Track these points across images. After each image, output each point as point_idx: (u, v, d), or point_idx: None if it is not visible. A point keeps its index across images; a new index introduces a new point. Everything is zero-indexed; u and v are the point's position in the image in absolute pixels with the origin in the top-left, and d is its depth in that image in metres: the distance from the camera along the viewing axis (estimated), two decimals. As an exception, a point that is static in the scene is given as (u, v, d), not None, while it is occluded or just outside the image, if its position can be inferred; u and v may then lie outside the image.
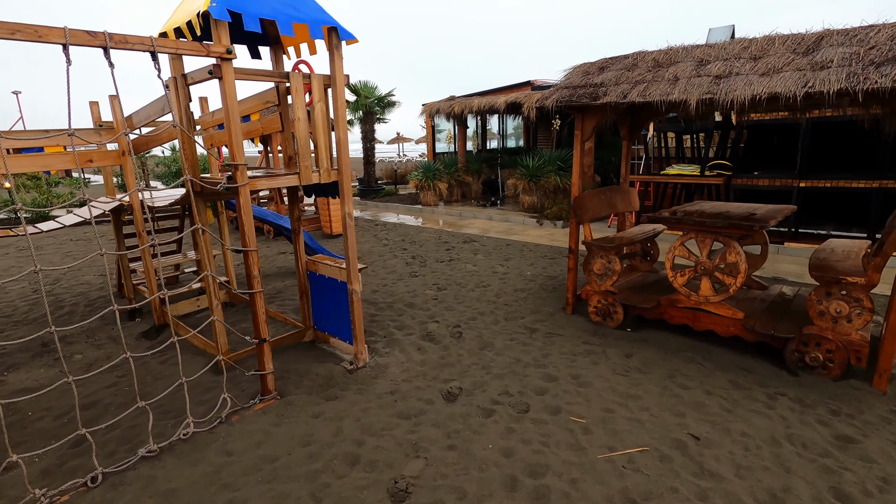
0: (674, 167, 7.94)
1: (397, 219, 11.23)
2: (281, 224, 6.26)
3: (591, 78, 4.45)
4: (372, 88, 13.65)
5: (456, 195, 12.74)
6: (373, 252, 7.92)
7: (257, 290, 3.22)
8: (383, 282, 6.23)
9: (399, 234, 9.21)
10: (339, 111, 3.42)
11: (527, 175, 10.43)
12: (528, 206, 10.54)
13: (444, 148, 18.81)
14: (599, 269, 4.61)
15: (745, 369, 3.64)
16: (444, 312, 5.04)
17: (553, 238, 8.55)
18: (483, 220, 10.51)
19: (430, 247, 8.10)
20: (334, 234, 9.26)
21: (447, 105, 12.15)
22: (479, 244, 8.19)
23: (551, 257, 7.21)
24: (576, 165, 4.74)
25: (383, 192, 14.02)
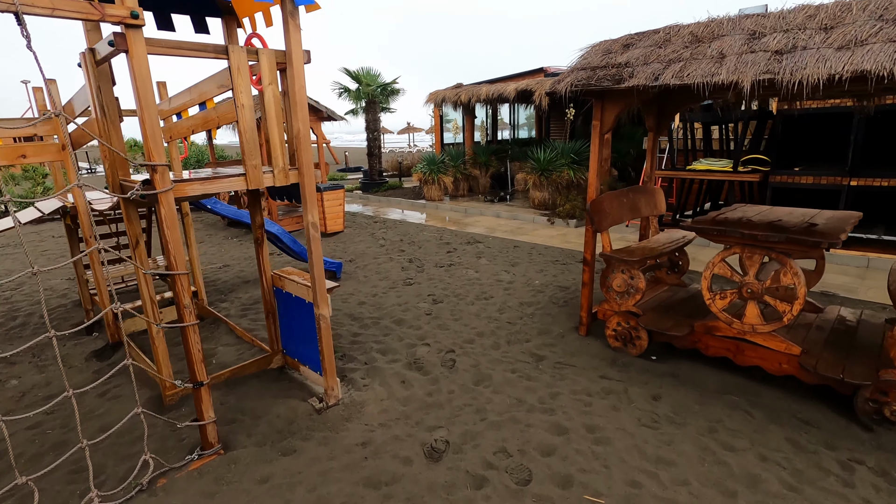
0: (702, 162, 7.13)
1: (398, 215, 10.54)
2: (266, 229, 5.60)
3: (613, 57, 3.69)
4: (374, 76, 12.90)
5: (462, 189, 12.00)
6: (367, 254, 7.25)
7: (189, 322, 2.56)
8: (373, 291, 5.56)
9: (398, 233, 8.53)
10: (297, 96, 2.73)
11: (537, 169, 9.65)
12: (539, 202, 9.78)
13: (452, 139, 18.02)
14: (620, 286, 3.88)
15: (805, 421, 2.90)
16: (437, 332, 4.36)
17: (565, 239, 7.80)
18: (490, 218, 9.77)
19: (431, 248, 7.41)
20: (329, 232, 8.61)
21: (453, 93, 11.38)
22: (483, 245, 7.47)
23: (563, 262, 6.47)
24: (593, 162, 3.99)
25: (386, 186, 13.34)
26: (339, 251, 7.47)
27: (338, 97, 13.13)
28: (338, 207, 8.60)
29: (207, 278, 6.24)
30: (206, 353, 4.02)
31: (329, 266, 6.13)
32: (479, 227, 8.95)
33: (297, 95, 2.74)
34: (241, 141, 2.66)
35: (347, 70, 12.42)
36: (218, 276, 6.35)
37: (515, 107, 16.85)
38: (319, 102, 8.48)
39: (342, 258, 7.07)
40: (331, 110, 8.66)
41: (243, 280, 6.14)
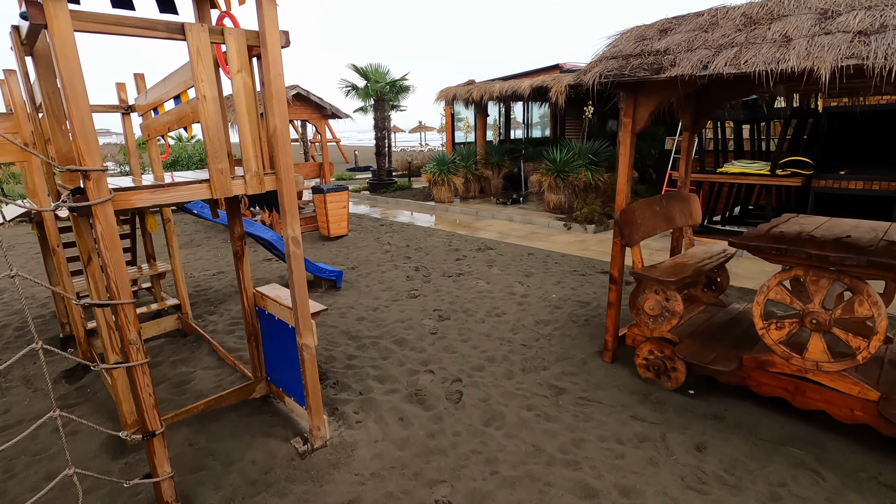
0: (735, 164, 6.55)
1: (406, 218, 10.07)
2: (258, 235, 5.18)
3: (649, 44, 3.17)
4: (383, 73, 12.45)
5: (473, 191, 11.50)
6: (371, 260, 6.79)
7: (136, 361, 2.11)
8: (374, 304, 5.10)
9: (405, 238, 8.06)
10: (272, 85, 2.27)
11: (553, 170, 9.11)
12: (555, 205, 9.24)
13: (463, 138, 17.53)
14: (653, 309, 3.36)
15: (890, 486, 2.37)
16: (442, 356, 3.87)
17: (584, 246, 7.26)
18: (502, 222, 9.26)
19: (439, 255, 6.93)
20: (333, 235, 8.18)
21: (465, 90, 10.88)
22: (495, 253, 6.97)
23: (582, 273, 5.95)
24: (623, 165, 3.48)
25: (394, 187, 12.89)
26: (342, 257, 7.03)
27: (345, 95, 12.72)
28: (342, 210, 8.16)
29: (199, 286, 5.83)
30: (180, 380, 3.59)
31: (328, 275, 5.68)
32: (490, 231, 8.45)
33: (274, 85, 2.27)
34: (205, 140, 2.19)
35: (355, 66, 11.99)
36: (210, 284, 5.94)
37: (529, 105, 16.30)
38: (323, 99, 8.06)
39: (344, 265, 6.63)
40: (335, 107, 8.23)
41: (235, 290, 5.71)
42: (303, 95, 7.81)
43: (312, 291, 5.59)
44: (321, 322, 4.60)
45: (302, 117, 8.13)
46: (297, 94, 7.71)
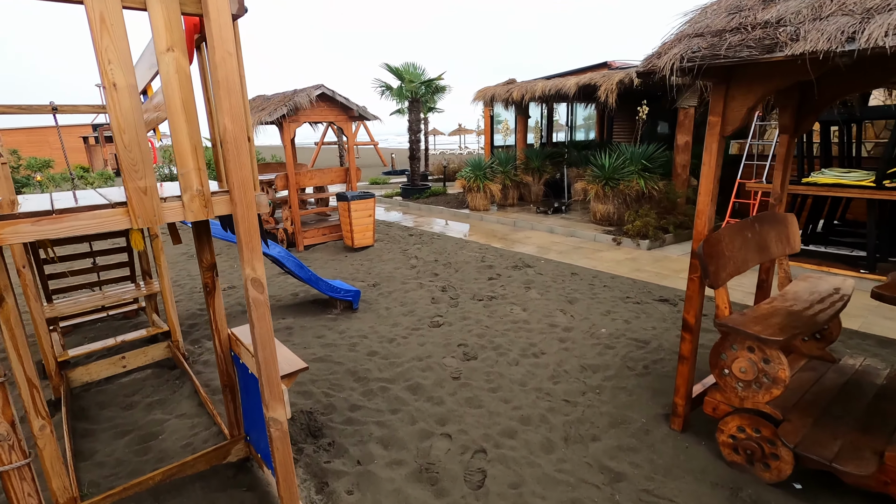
0: (825, 173, 5.48)
1: (437, 227, 9.38)
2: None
3: (749, 15, 2.32)
4: (418, 72, 11.84)
5: (511, 198, 10.69)
6: (394, 277, 6.13)
7: (10, 464, 1.48)
8: (391, 333, 4.41)
9: (434, 251, 7.36)
10: (221, 71, 1.60)
11: (601, 177, 8.19)
12: (602, 216, 8.31)
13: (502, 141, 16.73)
14: (745, 373, 2.50)
15: None
16: (464, 412, 3.13)
17: (636, 266, 6.33)
18: (542, 234, 8.41)
19: (469, 273, 6.19)
20: (357, 246, 7.59)
21: (504, 90, 10.10)
22: (534, 272, 6.16)
23: (636, 300, 5.06)
24: (707, 179, 2.63)
25: (427, 192, 12.24)
26: (363, 272, 6.40)
27: (380, 96, 12.20)
28: (366, 219, 7.56)
29: (203, 304, 5.32)
30: (149, 431, 3.00)
31: (344, 295, 5.05)
32: (529, 245, 7.62)
33: (222, 69, 1.61)
34: (116, 146, 1.55)
35: (389, 66, 11.44)
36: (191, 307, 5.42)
37: (573, 106, 15.33)
38: (350, 100, 7.50)
39: (365, 281, 5.99)
40: (363, 108, 7.66)
41: (243, 308, 5.17)
42: (328, 95, 7.28)
43: (325, 314, 4.98)
44: (326, 357, 3.95)
45: (327, 119, 7.60)
46: (321, 94, 7.18)
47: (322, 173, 7.89)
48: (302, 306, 5.23)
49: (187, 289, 5.88)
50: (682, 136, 8.05)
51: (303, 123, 7.41)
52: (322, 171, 7.89)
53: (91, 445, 2.88)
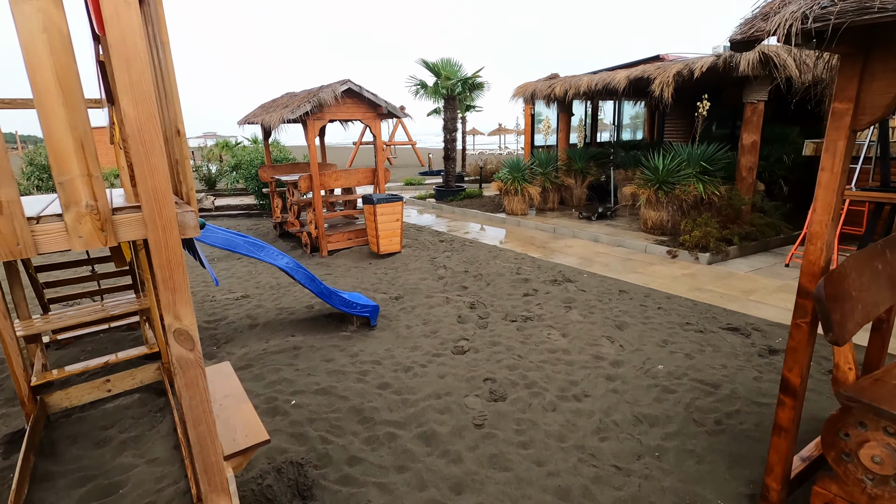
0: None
1: (470, 232, 8.77)
2: (270, 262, 4.15)
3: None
4: (455, 68, 11.25)
5: (552, 202, 9.93)
6: (419, 289, 5.57)
7: None
8: (408, 359, 3.84)
9: (465, 260, 6.75)
10: (115, 30, 1.06)
11: (653, 180, 7.35)
12: (654, 224, 7.46)
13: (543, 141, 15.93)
14: (881, 464, 1.77)
15: None
16: (486, 476, 2.51)
17: (696, 284, 5.51)
18: (585, 243, 7.65)
19: (503, 287, 5.55)
20: (383, 252, 7.08)
21: (546, 85, 9.36)
22: (575, 287, 5.45)
23: (699, 328, 4.28)
24: (827, 190, 1.90)
25: (462, 195, 11.63)
26: (386, 282, 5.87)
27: (414, 95, 11.70)
28: (393, 224, 7.04)
29: (213, 315, 4.93)
30: (109, 482, 2.54)
31: (361, 310, 4.54)
32: (570, 255, 6.89)
33: (115, 28, 1.07)
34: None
35: (425, 62, 10.91)
36: (227, 312, 5.03)
37: (620, 103, 14.36)
38: (378, 96, 7.01)
39: (387, 293, 5.46)
40: (391, 105, 7.15)
41: (252, 322, 4.74)
42: (354, 91, 6.81)
43: (340, 331, 4.48)
44: (330, 389, 3.42)
45: (354, 116, 7.14)
46: (348, 89, 6.72)
47: (348, 174, 7.44)
48: (316, 321, 4.75)
49: (199, 297, 5.53)
50: (749, 134, 7.10)
51: (328, 121, 6.97)
52: (348, 172, 7.44)
53: (43, 495, 2.45)
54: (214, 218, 10.89)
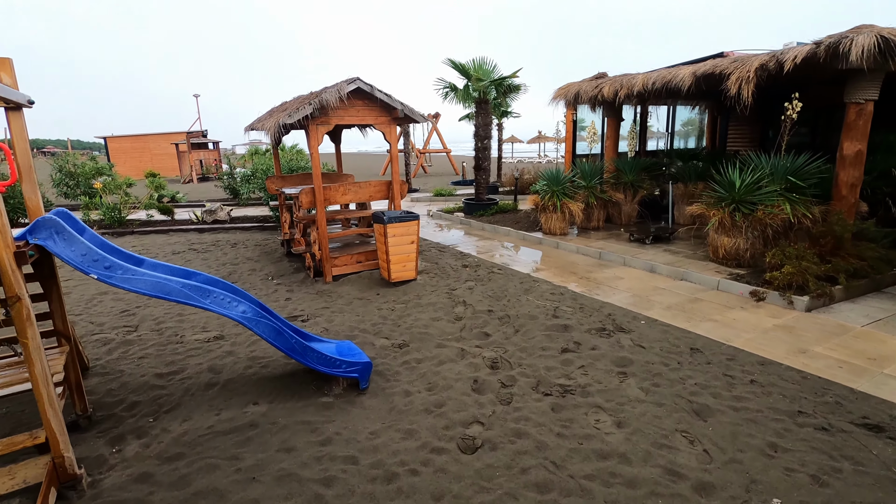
0: None
1: (501, 255, 7.59)
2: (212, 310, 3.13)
3: None
4: (488, 69, 10.12)
5: (596, 220, 8.61)
6: (429, 334, 4.45)
7: None
8: (393, 459, 2.71)
9: (490, 293, 5.59)
10: None
11: (727, 199, 5.96)
12: (728, 253, 6.04)
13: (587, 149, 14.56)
14: None
15: None
16: None
17: (800, 344, 4.12)
18: (639, 273, 6.32)
19: (535, 335, 4.35)
20: (395, 280, 6.01)
21: (592, 85, 8.09)
22: (630, 340, 4.19)
23: (822, 424, 2.95)
24: None
25: (494, 209, 10.44)
26: (391, 322, 4.79)
27: (443, 98, 10.64)
28: (407, 247, 5.96)
29: (171, 365, 3.96)
30: None
31: (347, 369, 3.48)
32: (620, 290, 5.60)
33: None
34: None
35: (453, 61, 9.81)
36: (189, 360, 4.05)
37: (673, 108, 12.84)
38: (394, 97, 5.98)
39: (390, 338, 4.38)
40: (409, 108, 6.11)
41: (212, 378, 3.73)
42: (365, 92, 5.80)
43: (320, 395, 3.45)
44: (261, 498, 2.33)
45: (365, 121, 6.13)
46: (356, 89, 5.72)
47: (358, 188, 6.42)
48: (292, 379, 3.71)
49: (165, 336, 4.59)
50: (852, 142, 5.62)
51: (333, 126, 5.97)
52: (358, 186, 6.42)
53: None
54: (227, 231, 10.18)
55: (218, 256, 7.82)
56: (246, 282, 6.43)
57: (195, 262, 7.44)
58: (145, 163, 33.27)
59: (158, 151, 34.52)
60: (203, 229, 10.31)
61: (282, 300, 5.60)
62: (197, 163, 27.89)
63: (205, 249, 8.38)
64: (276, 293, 5.87)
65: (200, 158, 28.58)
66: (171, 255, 8.05)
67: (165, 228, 10.32)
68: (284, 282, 6.38)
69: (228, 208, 11.38)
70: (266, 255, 7.85)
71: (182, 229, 10.32)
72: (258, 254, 8.01)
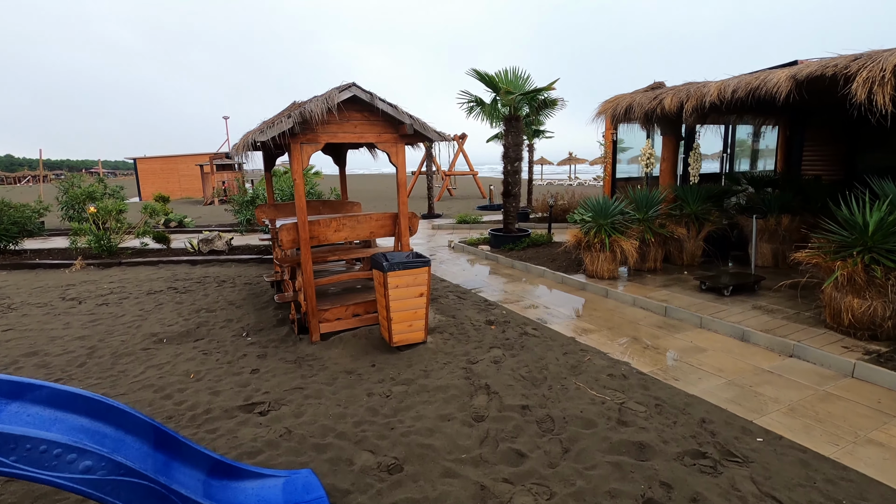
0: None
1: (533, 307, 6.09)
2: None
3: None
4: (521, 80, 8.77)
5: (653, 260, 7.03)
6: (433, 451, 2.98)
7: None
8: None
9: (525, 370, 4.09)
10: None
11: (858, 246, 4.32)
12: (859, 320, 4.35)
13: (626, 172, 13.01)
14: None
15: None
16: None
17: None
18: (726, 342, 4.72)
19: (595, 460, 2.82)
20: (397, 344, 4.60)
21: (648, 97, 6.61)
22: (751, 478, 2.61)
23: None
24: None
25: (526, 241, 8.95)
26: (381, 423, 3.34)
27: (468, 114, 9.36)
28: (415, 300, 4.55)
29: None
30: None
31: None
32: (708, 372, 4.01)
33: None
34: None
35: (479, 72, 8.48)
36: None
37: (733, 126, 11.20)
38: (400, 109, 4.66)
39: (376, 452, 2.94)
40: (421, 122, 4.79)
41: None
42: (363, 102, 4.50)
43: None
44: None
45: (364, 138, 4.83)
46: (352, 98, 4.43)
47: (355, 223, 5.07)
48: None
49: None
50: None
51: (323, 144, 4.67)
52: (355, 220, 5.08)
53: None
54: (221, 263, 9.00)
55: (196, 300, 6.58)
56: (215, 338, 5.12)
57: (165, 308, 6.21)
58: (173, 184, 33.27)
59: (186, 173, 34.43)
60: (196, 261, 9.18)
61: (245, 372, 4.24)
62: (220, 184, 27.48)
63: (186, 289, 7.18)
64: (242, 360, 4.52)
65: (224, 180, 28.21)
66: (145, 294, 6.86)
67: (156, 260, 9.23)
68: (261, 339, 5.04)
69: (228, 236, 10.26)
70: (252, 299, 6.57)
71: (174, 260, 9.22)
72: (245, 296, 6.73)
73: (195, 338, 5.16)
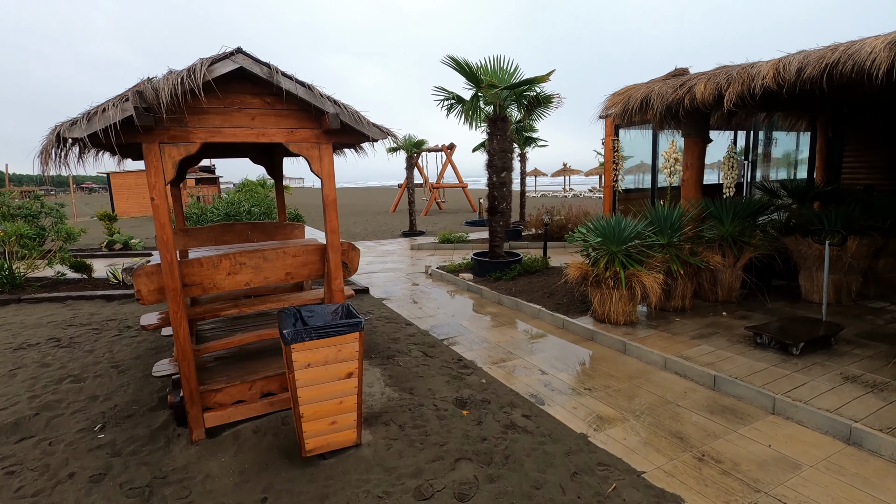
0: None
1: (529, 372, 4.45)
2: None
3: None
4: (507, 73, 7.20)
5: (680, 296, 5.42)
6: None
7: None
8: None
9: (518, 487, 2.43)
10: None
11: None
12: None
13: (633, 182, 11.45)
14: None
15: None
16: None
17: None
18: (822, 445, 3.10)
19: None
20: (313, 452, 2.94)
21: (672, 86, 5.07)
22: None
23: None
24: None
25: (516, 269, 7.35)
26: None
27: (446, 113, 7.78)
28: (339, 384, 2.91)
29: None
30: None
31: None
32: (795, 490, 2.37)
33: None
34: None
35: (456, 60, 6.87)
36: None
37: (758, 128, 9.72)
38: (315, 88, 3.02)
39: None
40: (353, 112, 3.17)
41: None
42: (258, 78, 2.89)
43: None
44: None
45: (266, 136, 3.21)
46: (238, 71, 2.81)
47: (259, 259, 3.42)
48: None
49: None
50: None
51: (198, 145, 3.02)
52: (261, 255, 3.42)
53: None
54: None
55: (73, 359, 4.89)
56: (52, 434, 3.44)
57: (20, 375, 4.51)
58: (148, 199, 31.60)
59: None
60: (114, 296, 7.49)
61: None
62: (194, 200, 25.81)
63: (72, 340, 5.48)
64: (64, 483, 2.83)
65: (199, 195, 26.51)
66: (11, 351, 5.16)
67: (64, 295, 7.52)
68: (118, 437, 3.36)
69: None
70: (148, 357, 4.88)
71: (86, 296, 7.51)
72: (140, 352, 5.05)
73: (23, 434, 3.47)
